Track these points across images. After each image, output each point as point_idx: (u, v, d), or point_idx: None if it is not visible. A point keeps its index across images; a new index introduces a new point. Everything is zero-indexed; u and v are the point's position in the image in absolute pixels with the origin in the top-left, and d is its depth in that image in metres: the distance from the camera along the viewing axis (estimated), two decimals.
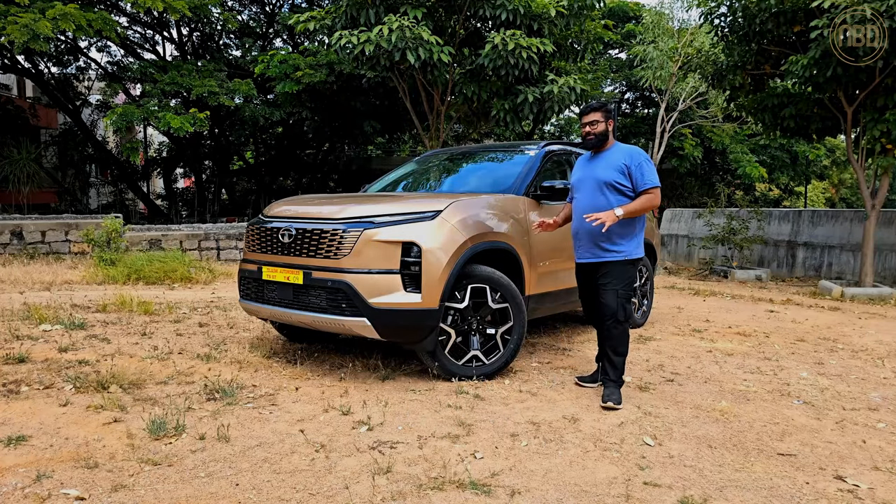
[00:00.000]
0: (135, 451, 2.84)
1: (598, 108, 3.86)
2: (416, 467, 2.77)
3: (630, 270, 3.86)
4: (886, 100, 8.21)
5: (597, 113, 3.84)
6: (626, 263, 3.82)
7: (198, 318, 5.90)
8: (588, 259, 3.90)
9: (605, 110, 3.85)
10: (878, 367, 4.87)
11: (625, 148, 3.86)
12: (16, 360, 4.12)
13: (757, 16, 8.75)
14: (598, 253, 3.83)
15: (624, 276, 3.81)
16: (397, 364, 4.46)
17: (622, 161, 3.78)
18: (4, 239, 10.37)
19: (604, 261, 3.82)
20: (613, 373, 3.82)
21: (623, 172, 3.76)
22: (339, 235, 3.89)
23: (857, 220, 10.82)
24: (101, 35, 13.34)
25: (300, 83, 13.81)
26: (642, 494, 2.58)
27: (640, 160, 3.76)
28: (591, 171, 3.89)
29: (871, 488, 2.71)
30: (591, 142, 3.88)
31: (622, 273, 3.81)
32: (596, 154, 3.94)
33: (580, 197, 3.91)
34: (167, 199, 22.06)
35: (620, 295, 3.78)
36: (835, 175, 28.06)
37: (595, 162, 3.92)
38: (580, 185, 3.94)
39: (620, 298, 3.78)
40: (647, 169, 3.75)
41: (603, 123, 3.83)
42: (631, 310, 3.86)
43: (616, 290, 3.78)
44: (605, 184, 3.78)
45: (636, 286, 6.13)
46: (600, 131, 3.85)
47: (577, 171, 4.06)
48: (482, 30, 11.09)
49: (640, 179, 3.73)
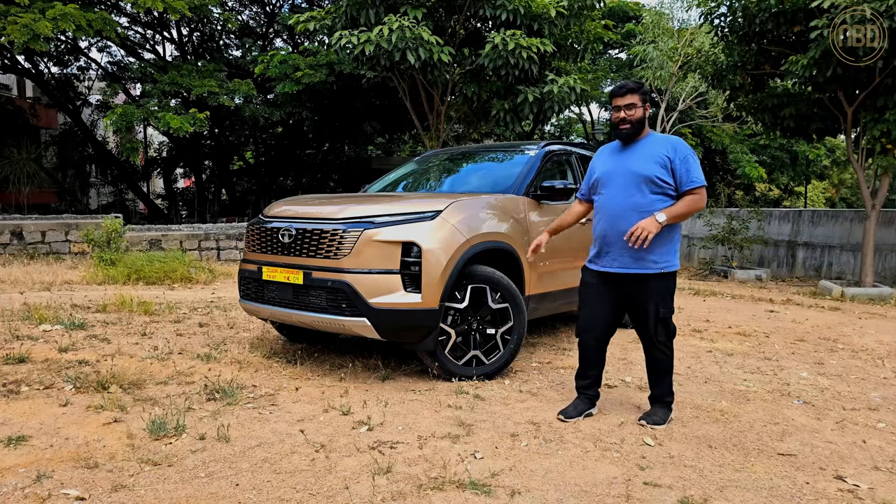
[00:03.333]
0: (135, 451, 2.84)
1: (636, 89, 3.21)
2: (416, 467, 2.77)
3: (671, 284, 3.29)
4: (886, 100, 8.22)
5: (634, 95, 3.20)
6: (666, 276, 3.25)
7: (198, 319, 5.90)
8: (618, 269, 3.27)
9: (642, 92, 3.21)
10: (878, 367, 4.87)
11: (664, 138, 3.26)
12: (16, 360, 4.12)
13: (757, 16, 8.75)
14: (630, 264, 3.23)
15: (665, 292, 3.25)
16: (397, 364, 4.46)
17: (664, 153, 3.17)
18: (4, 239, 10.37)
19: (639, 273, 3.23)
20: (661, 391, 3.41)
21: (665, 167, 3.16)
22: (339, 235, 3.89)
23: (857, 220, 10.83)
24: (101, 35, 13.35)
25: (300, 83, 13.81)
26: (642, 494, 2.58)
27: (685, 153, 3.17)
28: (623, 163, 3.26)
29: (871, 488, 2.71)
30: (626, 131, 3.24)
31: (663, 288, 3.25)
32: (627, 144, 3.31)
33: (609, 194, 3.29)
34: (167, 199, 22.08)
35: (662, 314, 3.25)
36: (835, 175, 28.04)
37: (628, 153, 3.28)
38: (608, 180, 3.31)
39: (663, 318, 3.26)
40: (693, 164, 3.15)
41: (641, 108, 3.21)
42: (675, 328, 3.34)
43: (659, 313, 3.25)
44: (644, 179, 3.17)
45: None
46: (638, 118, 3.21)
47: (602, 164, 3.40)
48: (482, 30, 11.10)
49: (685, 177, 3.15)
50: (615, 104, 3.27)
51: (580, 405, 3.51)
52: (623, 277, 3.28)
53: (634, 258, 3.22)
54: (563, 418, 3.44)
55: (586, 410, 3.51)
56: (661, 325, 3.27)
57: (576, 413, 3.47)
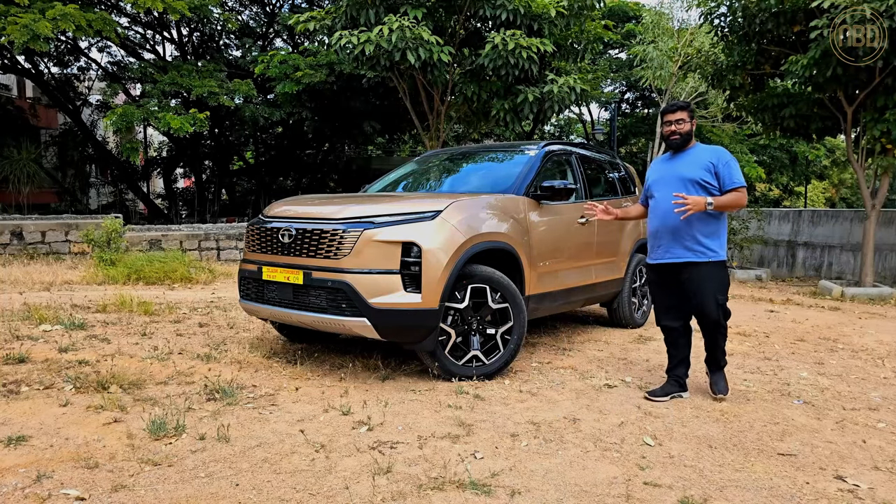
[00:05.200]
0: (135, 451, 2.84)
1: (685, 108, 3.82)
2: (416, 467, 2.77)
3: (723, 273, 3.77)
4: (886, 100, 8.22)
5: (683, 112, 3.80)
6: (716, 265, 3.73)
7: (198, 319, 5.90)
8: (669, 259, 3.80)
9: (689, 109, 3.83)
10: (878, 366, 4.87)
11: (709, 147, 3.83)
12: (16, 360, 4.12)
13: (757, 16, 8.76)
14: (680, 253, 3.74)
15: (717, 279, 3.72)
16: (397, 364, 4.46)
17: (708, 159, 3.73)
18: (4, 239, 10.37)
19: (688, 261, 3.72)
20: (717, 364, 3.92)
21: (710, 171, 3.70)
22: (339, 235, 3.89)
23: (857, 220, 10.83)
24: (101, 35, 13.35)
25: (300, 83, 13.81)
26: (642, 494, 2.58)
27: (727, 158, 3.72)
28: (673, 169, 3.83)
29: (871, 488, 2.71)
30: (676, 141, 3.82)
31: (715, 275, 3.72)
32: (676, 153, 3.89)
33: (660, 196, 3.84)
34: (167, 199, 22.07)
35: (720, 301, 3.71)
36: (835, 175, 28.04)
37: (677, 161, 3.86)
38: (659, 185, 3.88)
39: (720, 304, 3.72)
40: (734, 168, 3.71)
41: (688, 123, 3.80)
42: (729, 311, 3.82)
43: (714, 296, 3.70)
44: (691, 181, 3.71)
45: (637, 286, 6.13)
46: (686, 131, 3.80)
47: (654, 171, 3.99)
48: (482, 30, 11.09)
49: (727, 178, 3.68)
50: (667, 119, 3.84)
51: (667, 387, 3.93)
52: (676, 267, 3.78)
53: (684, 247, 3.73)
54: (649, 397, 3.86)
55: (673, 392, 3.90)
56: (721, 310, 3.73)
57: (662, 394, 3.88)
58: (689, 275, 3.74)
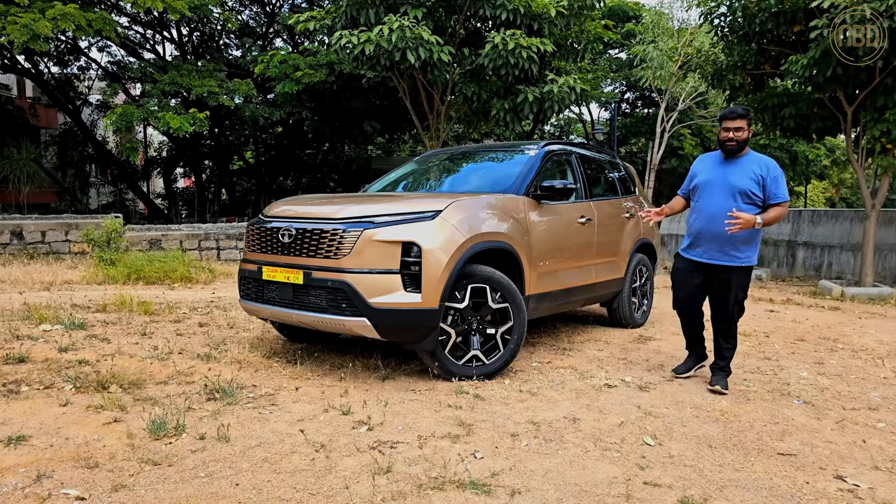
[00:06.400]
0: (135, 451, 2.84)
1: (744, 115, 3.87)
2: (416, 467, 2.77)
3: (749, 277, 4.03)
4: (886, 100, 8.21)
5: (742, 120, 3.86)
6: (747, 270, 3.98)
7: (198, 318, 5.90)
8: (707, 260, 4.00)
9: (748, 117, 3.88)
10: (878, 366, 4.87)
11: (760, 157, 3.91)
12: (16, 360, 4.12)
13: (757, 16, 8.75)
14: (719, 257, 3.95)
15: (744, 283, 3.98)
16: (397, 364, 4.46)
17: (758, 171, 3.83)
18: (4, 239, 10.37)
19: (725, 265, 3.94)
20: (723, 362, 4.12)
21: (758, 182, 3.82)
22: (339, 235, 3.89)
23: (857, 220, 10.83)
24: (101, 35, 13.34)
25: (300, 83, 13.81)
26: (642, 494, 2.58)
27: (776, 173, 3.83)
28: (724, 175, 3.93)
29: (871, 488, 2.71)
30: (732, 147, 3.89)
31: (743, 279, 3.97)
32: (728, 158, 3.96)
33: (708, 199, 3.97)
34: (167, 199, 22.07)
35: (739, 300, 3.99)
36: (835, 175, 28.05)
37: (728, 167, 3.94)
38: (707, 188, 3.98)
39: (739, 304, 4.01)
40: (781, 183, 3.83)
41: (746, 131, 3.86)
42: (744, 308, 4.12)
43: (738, 297, 3.98)
44: (740, 192, 3.84)
45: (637, 286, 6.14)
46: (743, 139, 3.88)
47: (703, 172, 4.07)
48: (482, 30, 11.09)
49: (773, 192, 3.81)
50: (725, 126, 3.90)
51: (689, 361, 4.36)
52: (711, 267, 4.02)
53: (722, 252, 3.94)
54: (675, 375, 4.30)
55: (695, 365, 4.34)
56: (737, 306, 4.03)
57: (684, 369, 4.32)
58: (720, 276, 3.99)
